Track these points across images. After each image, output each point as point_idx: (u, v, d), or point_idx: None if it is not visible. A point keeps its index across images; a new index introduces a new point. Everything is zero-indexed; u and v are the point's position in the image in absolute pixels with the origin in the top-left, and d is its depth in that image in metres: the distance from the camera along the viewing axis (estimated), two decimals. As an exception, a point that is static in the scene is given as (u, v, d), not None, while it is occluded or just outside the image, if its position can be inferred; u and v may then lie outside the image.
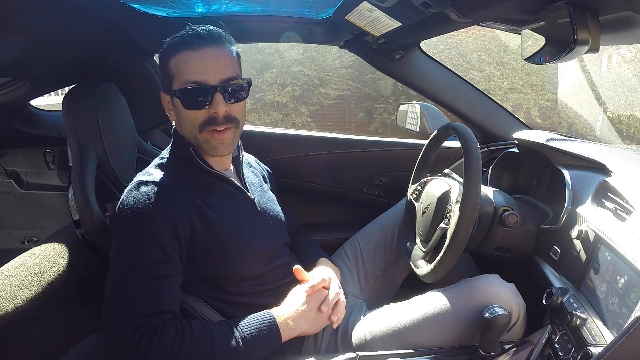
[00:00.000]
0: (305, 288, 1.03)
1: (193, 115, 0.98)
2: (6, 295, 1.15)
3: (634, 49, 6.70)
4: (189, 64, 0.97)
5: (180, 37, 0.99)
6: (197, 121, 0.99)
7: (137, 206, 0.93)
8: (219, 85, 0.97)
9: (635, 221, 0.87)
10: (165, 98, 1.04)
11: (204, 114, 0.98)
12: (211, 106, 0.97)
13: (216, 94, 0.97)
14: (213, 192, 1.04)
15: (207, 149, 1.02)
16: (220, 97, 0.97)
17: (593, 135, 6.96)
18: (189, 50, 0.97)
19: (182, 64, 0.97)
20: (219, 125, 0.99)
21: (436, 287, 1.10)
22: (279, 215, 1.18)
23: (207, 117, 0.98)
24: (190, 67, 0.97)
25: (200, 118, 0.98)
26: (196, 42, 0.97)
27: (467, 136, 1.08)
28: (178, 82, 0.98)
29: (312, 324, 1.01)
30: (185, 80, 0.96)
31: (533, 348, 0.88)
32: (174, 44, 0.99)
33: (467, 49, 7.45)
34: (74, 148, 1.26)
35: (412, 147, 1.82)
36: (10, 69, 1.36)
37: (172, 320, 0.90)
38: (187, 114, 0.99)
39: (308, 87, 7.33)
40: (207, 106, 0.97)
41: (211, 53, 0.98)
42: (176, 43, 0.99)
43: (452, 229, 1.02)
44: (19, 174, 2.09)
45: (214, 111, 0.97)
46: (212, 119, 0.98)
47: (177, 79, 0.98)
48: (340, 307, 1.06)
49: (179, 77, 0.98)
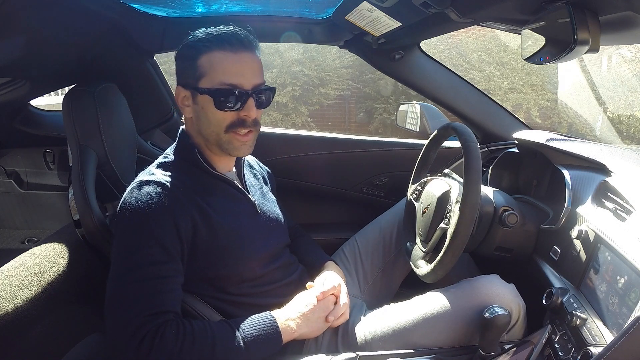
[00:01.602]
0: (317, 293, 1.03)
1: (222, 115, 0.99)
2: (6, 295, 1.15)
3: (634, 49, 6.70)
4: (225, 64, 0.97)
5: (217, 36, 0.98)
6: (225, 122, 0.99)
7: (139, 206, 0.93)
8: (252, 91, 0.99)
9: (635, 221, 0.87)
10: (183, 93, 1.02)
11: (232, 116, 0.99)
12: (242, 110, 0.99)
13: (249, 99, 0.99)
14: (215, 194, 1.04)
15: (229, 148, 1.02)
16: (252, 102, 0.99)
17: (593, 135, 6.96)
18: (227, 51, 0.96)
19: (218, 64, 0.97)
20: (247, 128, 1.00)
21: (436, 287, 1.10)
22: (279, 217, 1.18)
23: (236, 119, 0.99)
24: (227, 69, 0.97)
25: (228, 119, 0.99)
26: (236, 44, 0.97)
27: (467, 136, 1.08)
28: (210, 81, 0.97)
29: (314, 328, 1.01)
30: (220, 81, 0.96)
31: (533, 348, 0.88)
32: (207, 41, 0.98)
33: (467, 49, 7.45)
34: (74, 148, 1.26)
35: (412, 147, 1.82)
36: (10, 69, 1.36)
37: (173, 321, 0.90)
38: (215, 114, 0.99)
39: (308, 87, 7.32)
40: (238, 109, 0.98)
41: (247, 57, 0.98)
42: (212, 40, 0.97)
43: (452, 229, 1.02)
44: (19, 174, 2.09)
45: (245, 114, 0.99)
46: (241, 121, 1.00)
47: (209, 77, 0.97)
48: (345, 317, 1.07)
49: (212, 75, 0.97)
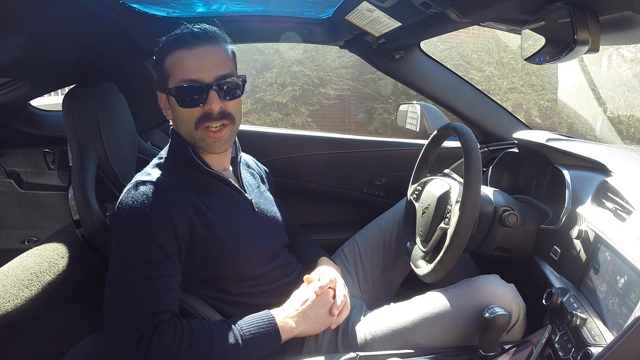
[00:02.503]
0: (315, 288, 1.02)
1: (188, 112, 0.99)
2: (6, 295, 1.15)
3: (634, 49, 6.71)
4: (183, 62, 0.98)
5: (175, 36, 1.00)
6: (193, 118, 1.00)
7: (135, 206, 0.94)
8: (213, 83, 0.98)
9: (635, 221, 0.87)
10: (162, 97, 1.04)
11: (198, 111, 0.99)
12: (206, 103, 0.98)
13: (211, 92, 0.98)
14: (211, 192, 1.04)
15: (203, 146, 1.03)
16: (214, 94, 0.98)
17: (593, 135, 6.96)
18: (184, 49, 0.98)
19: (177, 63, 0.98)
20: (213, 122, 1.00)
21: (436, 287, 1.11)
22: (276, 216, 1.18)
23: (202, 114, 0.99)
24: (185, 66, 0.97)
25: (195, 115, 1.00)
26: (191, 41, 0.98)
27: (467, 136, 1.08)
28: (173, 81, 0.99)
29: (313, 324, 1.00)
30: (180, 79, 0.97)
31: (533, 348, 0.88)
32: (169, 43, 1.00)
33: (467, 49, 7.45)
34: (74, 148, 1.25)
35: (412, 147, 1.82)
36: (10, 69, 1.36)
37: (171, 320, 0.90)
38: (183, 112, 1.00)
39: (308, 87, 7.32)
40: (202, 104, 0.98)
41: (206, 51, 0.98)
42: (171, 42, 1.00)
43: (452, 229, 1.02)
44: (19, 174, 2.09)
45: (209, 108, 0.99)
46: (207, 115, 0.99)
47: (172, 77, 0.99)
48: (347, 310, 1.06)
49: (174, 75, 0.99)
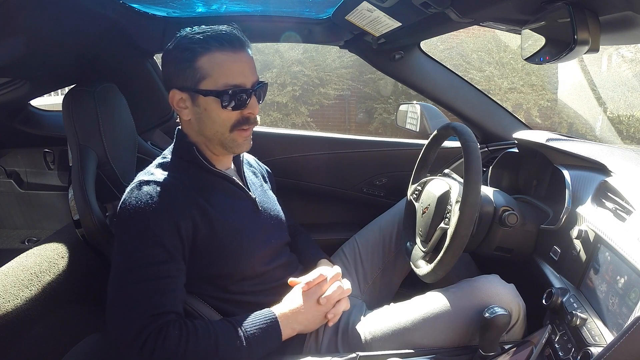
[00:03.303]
0: (301, 285, 1.03)
1: (227, 115, 1.00)
2: (6, 295, 1.15)
3: (634, 49, 6.71)
4: (228, 65, 0.97)
5: (215, 36, 0.97)
6: (230, 121, 1.00)
7: (139, 206, 0.93)
8: (253, 89, 1.00)
9: (635, 221, 0.87)
10: (179, 95, 1.00)
11: (237, 115, 1.00)
12: (247, 108, 1.00)
13: (253, 97, 1.01)
14: (215, 191, 1.04)
15: (232, 146, 1.04)
16: (255, 100, 1.01)
17: (593, 135, 6.96)
18: (227, 52, 0.97)
19: (220, 65, 0.96)
20: (250, 125, 1.03)
21: (436, 287, 1.10)
22: (279, 215, 1.18)
23: (241, 117, 1.01)
24: (230, 70, 0.97)
25: (233, 118, 1.00)
26: (236, 44, 0.98)
27: (467, 136, 1.07)
28: (213, 83, 0.97)
29: (309, 320, 1.00)
30: (225, 83, 0.97)
31: (533, 348, 0.88)
32: (206, 42, 0.96)
33: (467, 49, 7.45)
34: (74, 148, 1.25)
35: (412, 147, 1.82)
36: (10, 69, 1.36)
37: (176, 321, 0.89)
38: (220, 114, 0.99)
39: (308, 87, 7.33)
40: (243, 108, 1.00)
41: (246, 57, 1.00)
42: (209, 41, 0.96)
43: (452, 229, 1.02)
44: (19, 174, 2.09)
45: (250, 112, 1.01)
46: (246, 119, 1.01)
47: (212, 78, 0.96)
48: (342, 305, 1.05)
49: (214, 77, 0.96)
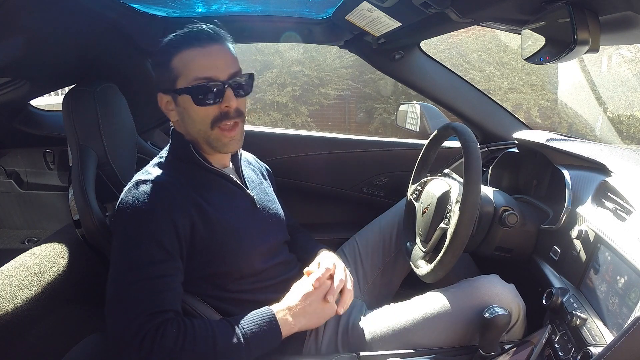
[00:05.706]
0: (312, 281, 1.01)
1: (204, 111, 0.98)
2: (6, 295, 1.15)
3: (634, 49, 6.71)
4: (197, 60, 0.97)
5: (184, 35, 0.99)
6: (209, 118, 0.99)
7: (136, 205, 0.93)
8: (228, 81, 0.98)
9: (635, 221, 0.87)
10: (165, 98, 1.03)
11: (214, 110, 0.98)
12: (223, 101, 0.98)
13: (227, 89, 0.97)
14: (212, 189, 1.04)
15: (218, 146, 1.02)
16: (231, 91, 0.98)
17: (593, 135, 6.97)
18: (196, 47, 0.97)
19: (190, 61, 0.97)
20: (230, 120, 0.99)
21: (436, 287, 1.11)
22: (278, 213, 1.18)
23: (219, 113, 0.99)
24: (199, 64, 0.97)
25: (211, 114, 0.98)
26: (203, 39, 0.97)
27: (467, 136, 1.07)
28: (185, 80, 0.97)
29: (312, 318, 0.99)
30: (194, 77, 0.96)
31: (533, 348, 0.88)
32: (175, 42, 0.99)
33: (467, 49, 7.45)
34: (74, 148, 1.25)
35: (412, 147, 1.82)
36: (10, 69, 1.36)
37: (174, 320, 0.89)
38: (197, 111, 0.98)
39: (308, 87, 7.33)
40: (219, 101, 0.98)
41: (217, 49, 0.98)
42: (178, 41, 0.98)
43: (452, 229, 1.02)
44: (19, 174, 2.09)
45: (226, 106, 0.98)
46: (224, 114, 0.99)
47: (183, 76, 0.97)
48: (347, 295, 1.04)
49: (186, 74, 0.97)
